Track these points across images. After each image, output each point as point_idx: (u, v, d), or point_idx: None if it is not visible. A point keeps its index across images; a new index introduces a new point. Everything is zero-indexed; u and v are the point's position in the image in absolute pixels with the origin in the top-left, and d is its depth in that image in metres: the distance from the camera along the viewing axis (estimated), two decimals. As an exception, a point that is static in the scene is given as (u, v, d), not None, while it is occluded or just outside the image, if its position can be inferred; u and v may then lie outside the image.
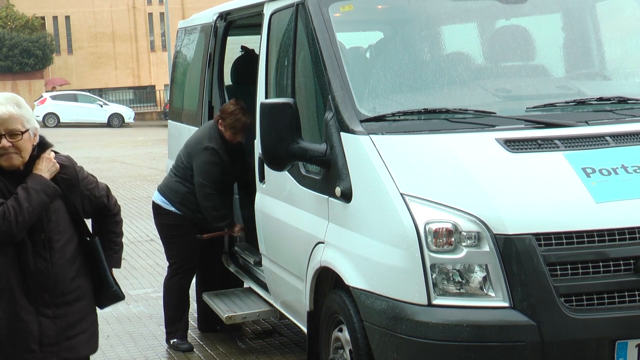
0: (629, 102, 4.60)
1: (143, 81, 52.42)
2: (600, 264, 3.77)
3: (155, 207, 6.48)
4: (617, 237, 3.80)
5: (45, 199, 3.76)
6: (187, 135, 6.78)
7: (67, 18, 52.05)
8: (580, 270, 3.75)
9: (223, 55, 6.91)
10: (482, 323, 3.71)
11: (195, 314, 6.96)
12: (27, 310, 3.80)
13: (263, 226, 5.58)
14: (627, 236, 3.81)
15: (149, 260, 9.80)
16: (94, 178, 4.07)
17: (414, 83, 4.66)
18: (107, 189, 4.15)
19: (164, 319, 6.62)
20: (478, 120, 4.32)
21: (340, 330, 4.39)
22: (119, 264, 4.20)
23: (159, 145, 25.98)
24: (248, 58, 7.21)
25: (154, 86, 51.07)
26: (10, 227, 3.66)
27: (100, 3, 52.10)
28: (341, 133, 4.30)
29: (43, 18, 50.51)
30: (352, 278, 4.14)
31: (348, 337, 4.26)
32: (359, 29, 5.62)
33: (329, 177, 4.42)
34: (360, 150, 4.19)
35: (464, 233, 3.76)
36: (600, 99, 4.62)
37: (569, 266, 3.75)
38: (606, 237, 3.79)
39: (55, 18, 51.89)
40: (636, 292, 3.80)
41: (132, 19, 52.81)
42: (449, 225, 3.78)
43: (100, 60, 52.14)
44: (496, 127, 4.25)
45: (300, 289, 4.92)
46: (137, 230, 11.81)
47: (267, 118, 4.44)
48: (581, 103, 4.57)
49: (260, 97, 5.44)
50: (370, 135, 4.18)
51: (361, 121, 4.27)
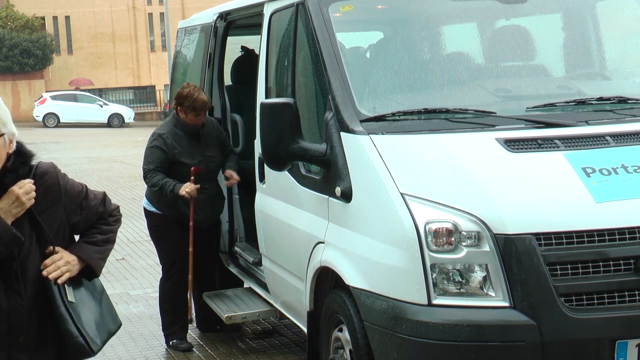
0: (629, 102, 4.60)
1: (143, 81, 52.41)
2: (600, 263, 3.77)
3: (144, 210, 6.55)
4: (617, 236, 3.80)
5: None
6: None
7: (67, 18, 52.05)
8: (581, 270, 3.75)
9: (223, 55, 6.91)
10: (482, 323, 3.71)
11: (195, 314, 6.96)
12: None
13: (263, 226, 5.58)
14: (627, 236, 3.81)
15: (149, 260, 9.79)
16: (83, 186, 3.34)
17: (414, 83, 4.67)
18: (104, 196, 3.42)
19: (161, 321, 6.63)
20: (478, 120, 4.32)
21: (341, 330, 4.39)
22: (96, 264, 3.33)
23: (159, 145, 25.90)
24: (248, 58, 7.21)
25: (154, 86, 51.06)
26: None
27: (100, 3, 52.09)
28: (341, 133, 4.30)
29: (43, 18, 50.50)
30: (352, 278, 4.14)
31: (348, 337, 4.27)
32: (359, 29, 5.62)
33: (329, 177, 4.42)
34: (360, 150, 4.19)
35: (464, 233, 3.76)
36: (601, 98, 4.62)
37: (569, 266, 3.75)
38: (606, 237, 3.79)
39: (55, 18, 51.88)
40: (636, 292, 3.80)
41: (132, 19, 52.80)
42: (449, 225, 3.78)
43: (100, 61, 52.13)
44: (496, 127, 4.25)
45: (300, 288, 4.92)
46: (137, 230, 11.80)
47: (267, 118, 4.45)
48: (581, 103, 4.57)
49: (261, 97, 5.44)
50: (371, 135, 4.18)
51: (361, 121, 4.27)
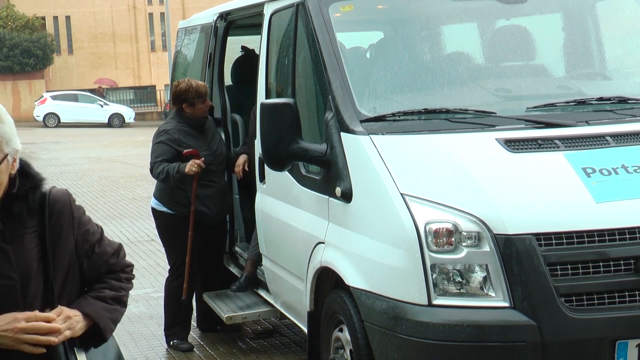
0: (629, 102, 4.60)
1: (143, 81, 52.40)
2: (601, 263, 3.77)
3: (152, 211, 6.52)
4: (617, 237, 3.80)
5: None
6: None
7: (68, 18, 52.04)
8: (581, 270, 3.75)
9: (223, 55, 6.91)
10: (483, 323, 3.71)
11: (195, 314, 6.96)
12: None
13: (263, 226, 5.58)
14: (627, 236, 3.81)
15: (149, 260, 9.80)
16: (99, 228, 2.83)
17: (414, 83, 4.66)
18: (120, 247, 2.87)
19: (164, 321, 6.62)
20: (478, 120, 4.32)
21: (341, 330, 4.39)
22: (105, 323, 2.74)
23: (159, 145, 25.90)
24: (248, 58, 7.21)
25: (154, 86, 51.04)
26: None
27: (100, 3, 52.08)
28: (341, 133, 4.30)
29: (43, 18, 50.49)
30: (353, 278, 4.14)
31: (348, 337, 4.26)
32: (359, 29, 5.62)
33: (329, 177, 4.42)
34: (360, 151, 4.18)
35: (464, 233, 3.76)
36: (601, 98, 4.62)
37: (569, 266, 3.75)
38: (606, 237, 3.79)
39: (55, 18, 51.88)
40: (636, 292, 3.80)
41: (133, 19, 52.80)
42: (449, 225, 3.78)
43: (101, 61, 52.12)
44: (496, 127, 4.25)
45: (300, 289, 4.92)
46: (137, 230, 11.81)
47: (268, 118, 4.44)
48: (581, 103, 4.57)
49: (261, 97, 5.44)
50: (371, 136, 4.18)
51: (361, 121, 4.27)
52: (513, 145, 4.10)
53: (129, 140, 31.34)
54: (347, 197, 4.23)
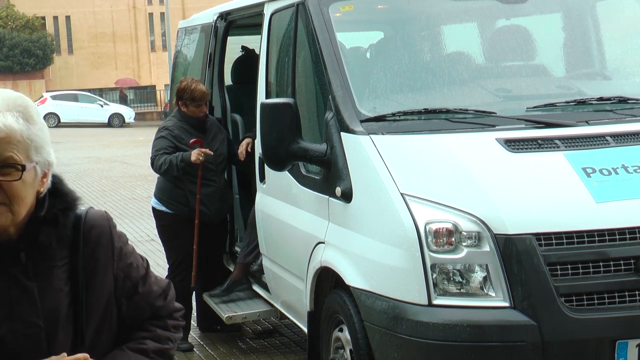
0: (629, 102, 4.60)
1: (143, 81, 52.44)
2: (601, 263, 3.77)
3: (152, 210, 6.53)
4: (617, 237, 3.80)
5: None
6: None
7: (68, 18, 52.07)
8: (581, 270, 3.75)
9: (223, 55, 6.91)
10: (483, 323, 3.71)
11: (195, 314, 6.96)
12: None
13: (263, 226, 5.58)
14: (627, 236, 3.81)
15: (149, 260, 9.79)
16: (145, 261, 2.34)
17: (414, 83, 4.67)
18: (168, 286, 2.36)
19: None
20: (478, 120, 4.32)
21: (341, 330, 4.39)
22: None
23: (159, 145, 25.91)
24: (248, 58, 7.21)
25: (154, 86, 51.07)
26: None
27: (100, 3, 52.10)
28: (341, 133, 4.30)
29: (43, 18, 50.52)
30: (353, 278, 4.14)
31: (348, 337, 4.26)
32: (359, 29, 5.63)
33: (329, 177, 4.42)
34: (360, 150, 4.18)
35: (464, 233, 3.76)
36: (601, 98, 4.62)
37: (569, 266, 3.75)
38: (606, 237, 3.79)
39: (55, 18, 51.90)
40: (636, 292, 3.79)
41: (133, 19, 52.81)
42: (449, 225, 3.77)
43: (101, 60, 52.16)
44: (496, 127, 4.25)
45: (300, 288, 4.92)
46: (137, 230, 11.81)
47: (268, 118, 4.45)
48: (581, 103, 4.57)
49: (261, 97, 5.44)
50: (371, 135, 4.18)
51: (361, 121, 4.27)
52: (513, 145, 4.10)
53: (129, 140, 31.35)
54: (347, 197, 4.23)
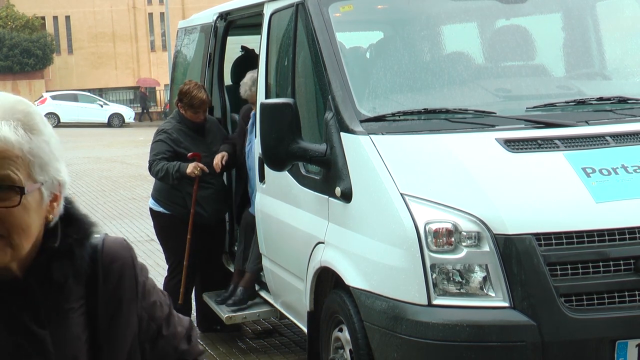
0: (629, 101, 4.60)
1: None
2: (601, 263, 3.77)
3: (150, 211, 6.54)
4: (617, 237, 3.80)
5: None
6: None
7: (67, 18, 52.05)
8: (581, 270, 3.75)
9: (223, 55, 6.92)
10: (483, 323, 3.71)
11: (195, 314, 6.96)
12: None
13: (263, 226, 5.58)
14: (627, 236, 3.81)
15: (149, 260, 9.79)
16: (166, 296, 1.96)
17: (414, 83, 4.66)
18: (190, 326, 2.00)
19: None
20: (478, 120, 4.32)
21: (341, 330, 4.39)
22: None
23: (159, 145, 25.91)
24: (248, 58, 7.21)
25: (154, 86, 51.06)
26: None
27: (100, 3, 52.09)
28: (341, 133, 4.30)
29: (43, 18, 50.50)
30: (352, 278, 4.14)
31: (348, 337, 4.26)
32: (359, 29, 5.63)
33: (329, 177, 4.41)
34: (360, 150, 4.18)
35: (464, 233, 3.76)
36: (600, 98, 4.62)
37: (569, 266, 3.75)
38: (606, 237, 3.79)
39: (55, 18, 51.88)
40: (636, 292, 3.79)
41: (132, 19, 52.80)
42: (449, 225, 3.77)
43: (101, 60, 52.14)
44: (496, 127, 4.25)
45: (300, 288, 4.92)
46: (137, 230, 11.81)
47: (267, 118, 4.45)
48: (581, 103, 4.57)
49: (260, 97, 5.44)
50: (370, 135, 4.18)
51: (361, 121, 4.27)
52: (513, 145, 4.10)
53: (128, 140, 31.34)
54: (346, 197, 4.23)
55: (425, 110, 4.38)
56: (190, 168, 5.96)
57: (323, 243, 4.50)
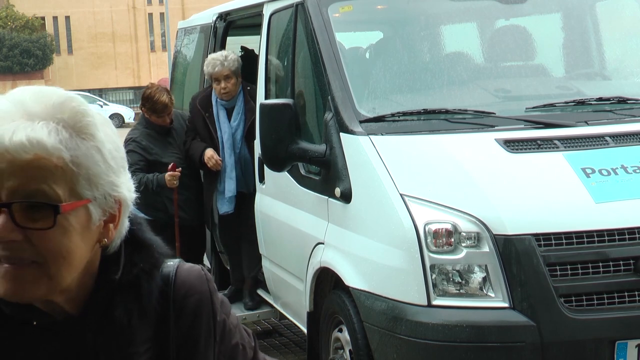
0: (628, 102, 4.60)
1: (143, 81, 52.32)
2: (600, 264, 3.77)
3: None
4: (616, 237, 3.80)
5: None
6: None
7: (67, 18, 52.07)
8: (580, 271, 3.75)
9: (223, 55, 6.90)
10: (482, 323, 3.71)
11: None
12: None
13: (263, 227, 5.58)
14: (626, 236, 3.81)
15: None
16: (250, 337, 1.80)
17: (413, 83, 4.66)
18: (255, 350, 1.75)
19: None
20: (477, 120, 4.32)
21: (340, 330, 4.39)
22: None
23: (159, 146, 25.94)
24: (248, 58, 7.20)
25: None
26: None
27: (100, 3, 52.11)
28: (341, 134, 4.30)
29: (43, 18, 50.52)
30: (352, 279, 4.14)
31: (348, 337, 4.26)
32: (359, 29, 5.63)
33: (329, 178, 4.41)
34: (359, 151, 4.18)
35: (464, 233, 3.76)
36: (600, 99, 4.62)
37: (568, 266, 3.74)
38: (606, 238, 3.79)
39: (55, 18, 51.90)
40: (636, 293, 3.79)
41: (132, 19, 52.81)
42: (449, 226, 3.77)
43: (100, 61, 52.16)
44: (496, 128, 4.25)
45: (300, 289, 4.92)
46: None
47: (267, 119, 4.45)
48: (581, 103, 4.57)
49: (260, 98, 5.44)
50: (370, 136, 4.18)
51: (361, 122, 4.27)
52: (512, 145, 4.10)
53: (128, 140, 31.28)
54: (346, 197, 4.23)
55: (424, 110, 4.38)
56: (169, 182, 5.89)
57: (323, 243, 4.50)
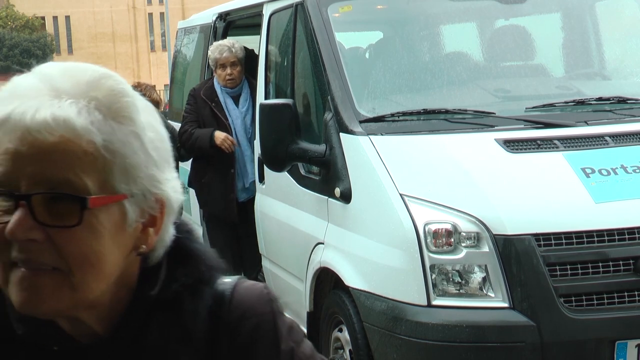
0: (628, 102, 4.60)
1: (143, 81, 52.51)
2: (600, 264, 3.77)
3: None
4: (616, 237, 3.80)
5: None
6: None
7: (67, 18, 52.10)
8: (580, 271, 3.75)
9: (223, 55, 6.90)
10: (482, 324, 3.71)
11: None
12: None
13: (263, 227, 5.58)
14: (626, 236, 3.81)
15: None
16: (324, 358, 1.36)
17: (413, 83, 4.66)
18: None
19: None
20: (477, 120, 4.32)
21: (340, 330, 4.39)
22: None
23: (159, 145, 25.90)
24: (248, 58, 7.20)
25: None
26: None
27: (100, 3, 52.14)
28: (340, 134, 4.30)
29: (43, 18, 50.55)
30: (352, 279, 4.14)
31: (348, 337, 4.26)
32: (358, 29, 5.63)
33: (329, 178, 4.41)
34: (359, 151, 4.18)
35: (464, 233, 3.76)
36: (600, 99, 4.62)
37: (568, 266, 3.74)
38: (606, 238, 3.79)
39: (55, 18, 51.93)
40: (636, 292, 3.79)
41: (132, 19, 52.83)
42: (449, 226, 3.77)
43: (101, 61, 52.14)
44: (495, 128, 4.25)
45: (300, 289, 4.92)
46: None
47: (267, 119, 4.45)
48: (580, 103, 4.57)
49: (260, 98, 5.44)
50: (370, 136, 4.18)
51: (360, 122, 4.27)
52: (512, 145, 4.10)
53: (128, 140, 31.26)
54: (346, 197, 4.23)
55: (424, 110, 4.38)
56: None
57: (322, 244, 4.50)
